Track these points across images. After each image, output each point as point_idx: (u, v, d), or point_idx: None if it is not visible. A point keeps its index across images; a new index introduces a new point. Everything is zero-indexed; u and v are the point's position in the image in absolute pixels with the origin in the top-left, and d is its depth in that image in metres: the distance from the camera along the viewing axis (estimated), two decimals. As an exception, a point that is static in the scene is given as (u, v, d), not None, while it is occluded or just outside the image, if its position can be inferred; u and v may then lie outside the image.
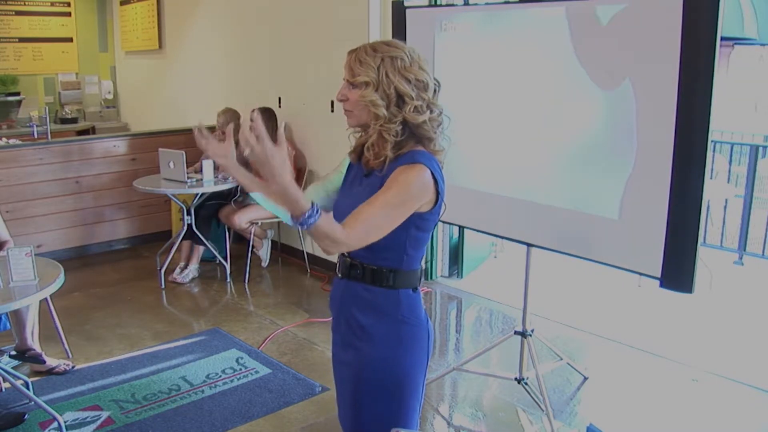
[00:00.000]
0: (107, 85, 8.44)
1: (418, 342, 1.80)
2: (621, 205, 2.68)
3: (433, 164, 1.67)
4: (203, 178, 4.82)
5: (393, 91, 1.64)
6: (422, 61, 1.69)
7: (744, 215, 5.38)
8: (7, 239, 3.60)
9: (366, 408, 1.84)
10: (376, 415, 1.83)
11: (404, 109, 1.65)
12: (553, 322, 4.10)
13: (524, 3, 3.05)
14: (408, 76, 1.65)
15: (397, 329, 1.77)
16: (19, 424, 3.01)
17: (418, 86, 1.66)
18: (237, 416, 3.11)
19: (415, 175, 1.62)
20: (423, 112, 1.66)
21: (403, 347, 1.79)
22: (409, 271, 1.75)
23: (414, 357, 1.80)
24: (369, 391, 1.81)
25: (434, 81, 1.71)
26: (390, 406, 1.83)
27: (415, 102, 1.65)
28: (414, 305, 1.78)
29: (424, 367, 1.84)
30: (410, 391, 1.82)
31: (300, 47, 5.09)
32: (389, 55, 1.65)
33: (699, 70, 2.34)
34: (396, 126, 1.65)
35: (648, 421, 3.09)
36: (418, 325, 1.79)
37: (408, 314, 1.77)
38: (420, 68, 1.67)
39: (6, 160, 5.07)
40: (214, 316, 4.35)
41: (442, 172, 1.71)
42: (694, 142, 2.39)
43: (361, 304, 1.77)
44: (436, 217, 1.73)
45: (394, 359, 1.79)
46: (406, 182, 1.62)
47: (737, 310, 4.39)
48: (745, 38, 8.62)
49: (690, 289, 2.53)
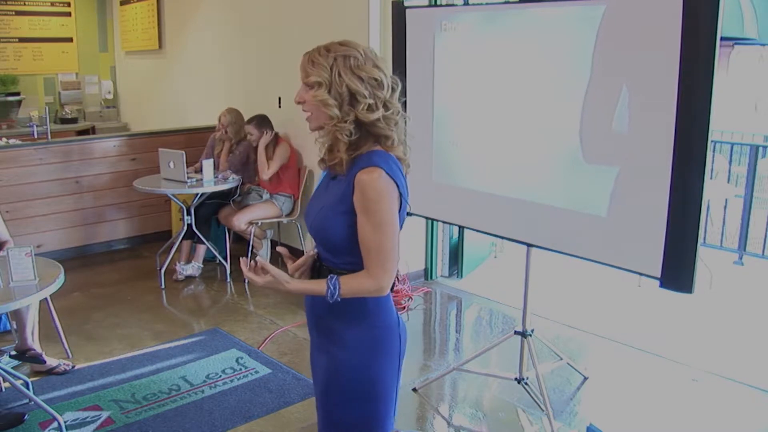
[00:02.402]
0: (107, 85, 8.44)
1: (388, 346, 1.77)
2: (621, 205, 2.68)
3: (390, 164, 1.65)
4: (203, 178, 4.82)
5: (345, 89, 1.62)
6: (377, 59, 1.67)
7: (744, 215, 5.38)
8: (7, 239, 3.60)
9: (335, 413, 1.83)
10: (345, 420, 1.82)
11: (357, 108, 1.63)
12: (553, 322, 4.11)
13: (524, 3, 3.05)
14: (360, 74, 1.62)
15: (365, 333, 1.76)
16: (19, 424, 3.01)
17: (371, 84, 1.63)
18: (237, 416, 3.11)
19: (378, 186, 1.61)
20: (376, 110, 1.64)
21: (371, 351, 1.76)
22: None
23: (384, 361, 1.77)
24: (338, 396, 1.80)
25: (391, 79, 1.69)
26: (361, 412, 1.80)
27: (367, 100, 1.63)
28: (382, 308, 1.76)
29: (395, 371, 1.81)
30: (381, 396, 1.79)
31: (300, 47, 5.03)
32: (342, 54, 1.63)
33: (699, 70, 2.34)
34: (348, 125, 1.64)
35: (648, 421, 3.09)
36: (387, 329, 1.77)
37: (375, 318, 1.75)
38: (374, 66, 1.65)
39: (6, 160, 5.07)
40: (214, 316, 4.35)
41: (401, 170, 1.70)
42: (694, 142, 2.39)
43: (329, 308, 1.74)
44: (403, 216, 1.71)
45: (362, 364, 1.77)
46: (377, 197, 1.61)
47: (737, 310, 4.39)
48: (745, 38, 8.62)
49: (690, 289, 2.53)
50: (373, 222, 1.62)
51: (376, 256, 1.63)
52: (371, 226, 1.62)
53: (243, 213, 4.93)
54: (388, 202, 1.62)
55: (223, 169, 5.06)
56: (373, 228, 1.62)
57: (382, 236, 1.62)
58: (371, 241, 1.63)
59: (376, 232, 1.62)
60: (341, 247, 1.69)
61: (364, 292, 1.67)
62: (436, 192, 3.43)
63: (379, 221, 1.62)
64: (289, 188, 5.05)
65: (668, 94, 2.43)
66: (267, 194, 5.05)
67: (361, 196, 1.62)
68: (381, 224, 1.62)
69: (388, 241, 1.63)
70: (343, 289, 1.65)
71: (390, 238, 1.63)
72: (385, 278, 1.64)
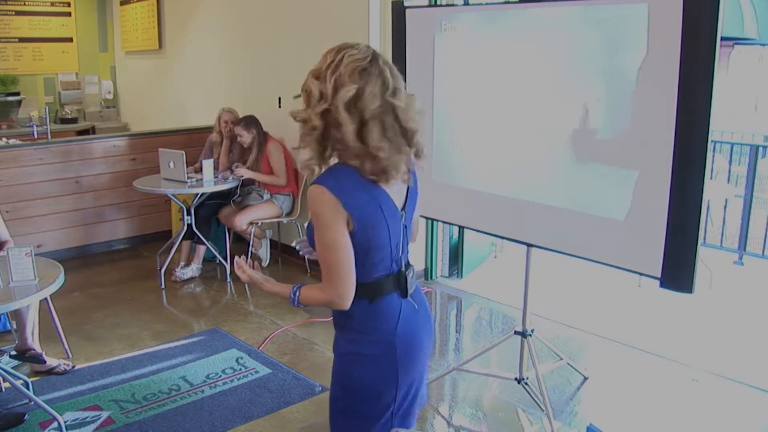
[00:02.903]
0: (107, 85, 8.44)
1: (377, 355, 1.75)
2: (621, 205, 2.68)
3: (339, 180, 1.61)
4: (203, 178, 4.83)
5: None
6: (334, 64, 1.64)
7: (744, 215, 5.38)
8: (7, 239, 3.60)
9: (330, 415, 1.87)
10: (333, 423, 1.86)
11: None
12: (553, 322, 4.11)
13: (524, 3, 3.05)
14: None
15: (352, 342, 1.78)
16: (19, 424, 3.01)
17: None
18: (237, 416, 3.11)
19: (315, 202, 1.61)
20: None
21: (358, 361, 1.77)
22: (360, 284, 1.69)
23: (371, 371, 1.76)
24: (331, 401, 1.85)
25: (328, 85, 1.63)
26: (344, 418, 1.83)
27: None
28: (370, 317, 1.74)
29: (387, 383, 1.77)
30: (368, 408, 1.78)
31: (300, 47, 5.09)
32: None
33: (699, 70, 2.34)
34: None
35: (648, 421, 3.09)
36: (376, 337, 1.75)
37: (361, 326, 1.75)
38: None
39: (6, 160, 5.07)
40: (214, 316, 4.35)
41: (357, 184, 1.62)
42: (694, 142, 2.39)
43: (335, 319, 1.83)
44: (367, 235, 1.66)
45: (348, 373, 1.79)
46: (315, 214, 1.62)
47: (737, 310, 4.39)
48: (745, 38, 8.63)
49: (690, 289, 2.53)
50: (317, 237, 1.64)
51: (324, 270, 1.65)
52: (317, 241, 1.64)
53: (244, 213, 4.93)
54: (328, 219, 1.60)
55: (223, 169, 5.06)
56: (318, 243, 1.64)
57: (325, 252, 1.63)
58: (318, 254, 1.66)
59: (320, 247, 1.64)
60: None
61: (320, 303, 1.70)
62: (436, 192, 3.43)
63: (321, 237, 1.63)
64: (288, 187, 5.05)
65: (668, 94, 2.43)
66: (267, 194, 5.05)
67: (311, 212, 1.65)
68: (322, 240, 1.63)
69: (329, 256, 1.63)
70: (302, 297, 1.72)
71: (331, 254, 1.62)
72: (332, 293, 1.65)
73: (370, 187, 1.65)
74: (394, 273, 1.76)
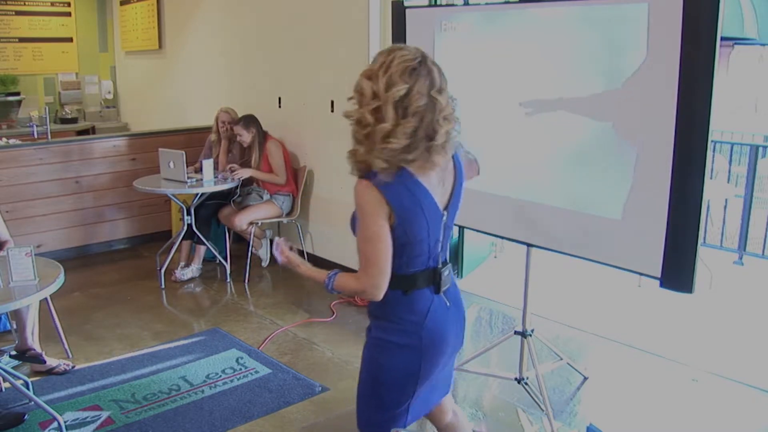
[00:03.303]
0: (107, 85, 8.45)
1: (403, 344, 1.85)
2: (621, 205, 2.68)
3: (379, 177, 1.70)
4: (203, 178, 4.83)
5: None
6: (380, 68, 1.74)
7: (744, 215, 5.38)
8: (7, 239, 3.60)
9: (357, 400, 1.98)
10: (359, 406, 1.98)
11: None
12: (553, 322, 4.10)
13: (524, 3, 3.05)
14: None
15: (383, 329, 1.89)
16: (19, 424, 3.01)
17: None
18: (237, 416, 3.11)
19: (358, 195, 1.74)
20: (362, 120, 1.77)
21: (386, 348, 1.88)
22: (397, 275, 1.80)
23: (396, 359, 1.86)
24: (359, 385, 1.97)
25: (379, 86, 1.74)
26: (366, 401, 1.95)
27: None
28: (402, 308, 1.84)
29: (410, 372, 1.86)
30: (388, 394, 1.89)
31: (300, 47, 5.09)
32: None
33: (699, 70, 2.34)
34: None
35: (648, 421, 3.09)
36: (405, 327, 1.85)
37: (393, 315, 1.85)
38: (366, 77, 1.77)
39: (6, 160, 5.07)
40: (214, 316, 4.35)
41: (406, 181, 1.72)
42: (694, 142, 2.39)
43: (369, 308, 1.94)
44: (402, 230, 1.74)
45: (375, 359, 1.91)
46: (359, 207, 1.74)
47: (737, 310, 4.39)
48: (745, 38, 8.62)
49: (690, 289, 2.53)
50: (360, 229, 1.74)
51: (361, 260, 1.75)
52: (358, 233, 1.75)
53: (244, 213, 4.93)
54: (369, 212, 1.71)
55: (222, 169, 5.06)
56: (358, 234, 1.75)
57: (365, 243, 1.74)
58: (358, 245, 1.76)
59: (360, 238, 1.75)
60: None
61: (352, 292, 1.83)
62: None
63: (362, 229, 1.73)
64: (287, 186, 5.05)
65: (668, 95, 2.43)
66: (267, 194, 5.05)
67: (355, 205, 1.75)
68: (364, 232, 1.73)
69: (368, 247, 1.73)
70: (337, 284, 1.83)
71: (369, 246, 1.73)
72: (367, 283, 1.75)
73: (414, 185, 1.74)
74: (430, 269, 1.87)
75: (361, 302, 4.40)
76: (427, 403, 2.03)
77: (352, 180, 1.81)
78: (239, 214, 4.92)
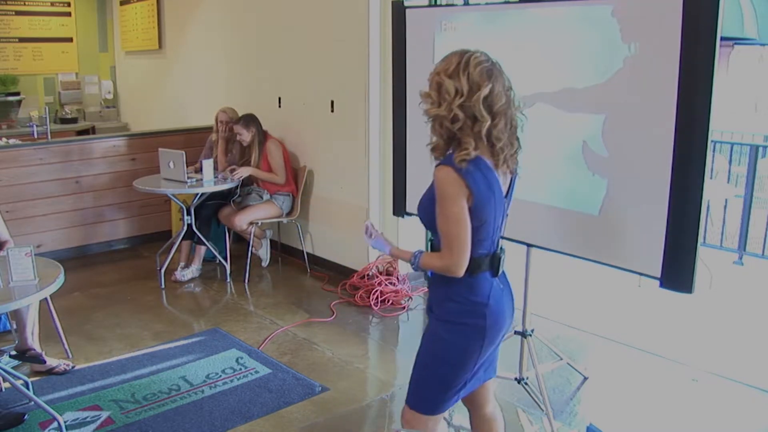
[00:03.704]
0: (107, 85, 8.45)
1: (469, 324, 1.98)
2: (621, 206, 2.68)
3: (458, 164, 1.85)
4: (203, 178, 4.83)
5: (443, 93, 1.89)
6: (468, 66, 1.89)
7: (744, 215, 5.38)
8: (7, 239, 3.60)
9: (414, 370, 2.11)
10: (415, 376, 2.10)
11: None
12: (553, 322, 4.11)
13: (524, 3, 3.05)
14: (451, 80, 1.88)
15: (448, 310, 2.02)
16: (19, 424, 3.01)
17: (451, 91, 1.88)
18: (237, 416, 3.11)
19: (443, 180, 1.87)
20: (458, 116, 1.87)
21: (448, 323, 2.01)
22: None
23: (461, 338, 1.99)
24: (418, 357, 2.09)
25: (468, 85, 1.88)
26: (427, 383, 2.07)
27: (449, 105, 1.88)
28: (468, 289, 1.98)
29: (472, 350, 1.99)
30: (450, 372, 2.02)
31: (300, 47, 5.09)
32: (446, 59, 1.92)
33: (699, 70, 2.34)
34: (438, 126, 1.91)
35: (648, 421, 3.09)
36: (470, 307, 1.98)
37: (459, 296, 1.98)
38: (455, 75, 1.89)
39: (6, 160, 5.07)
40: (214, 316, 4.35)
41: (482, 169, 1.88)
42: (694, 142, 2.39)
43: (433, 288, 2.12)
44: (479, 212, 1.90)
45: (440, 337, 2.02)
46: (439, 188, 1.87)
47: (737, 310, 4.39)
48: (745, 38, 8.62)
49: (690, 289, 2.53)
50: (441, 210, 1.88)
51: (445, 240, 1.89)
52: (440, 214, 1.89)
53: (244, 213, 4.93)
54: (452, 194, 1.85)
55: (222, 169, 5.06)
56: (440, 215, 1.89)
57: (448, 223, 1.88)
58: (440, 226, 1.90)
59: (442, 219, 1.88)
60: (433, 229, 1.96)
61: (436, 268, 1.96)
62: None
63: (444, 210, 1.87)
64: (287, 186, 5.05)
65: (668, 95, 2.43)
66: (267, 194, 5.05)
67: (435, 189, 1.89)
68: (446, 213, 1.87)
69: (452, 228, 1.87)
70: (422, 261, 2.00)
71: (453, 226, 1.87)
72: (450, 260, 1.89)
73: (487, 171, 1.90)
74: (491, 252, 2.01)
75: (360, 301, 4.41)
76: (478, 381, 2.15)
77: (351, 180, 1.83)
78: (239, 214, 4.92)
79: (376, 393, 3.39)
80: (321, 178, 5.11)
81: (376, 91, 4.48)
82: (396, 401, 3.28)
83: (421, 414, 2.09)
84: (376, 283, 4.46)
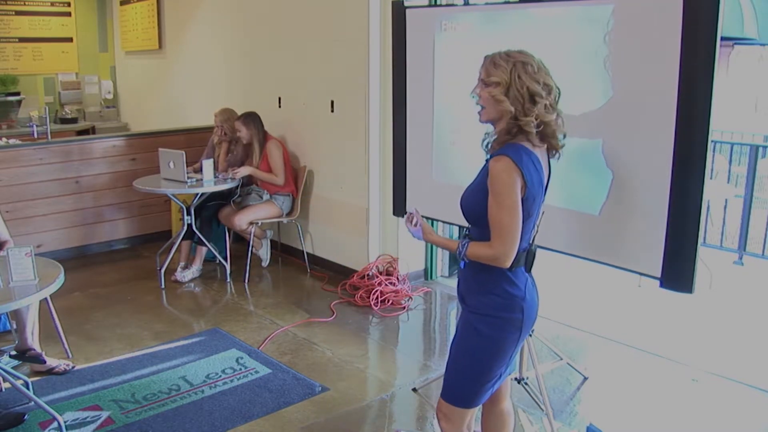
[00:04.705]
0: (107, 85, 8.45)
1: (508, 318, 2.02)
2: (621, 206, 2.68)
3: (519, 154, 1.92)
4: (203, 178, 4.82)
5: (525, 91, 1.92)
6: (547, 69, 1.98)
7: (744, 215, 5.38)
8: (7, 239, 3.60)
9: (450, 359, 2.17)
10: (451, 367, 2.15)
11: (537, 107, 1.92)
12: (553, 322, 4.10)
13: (524, 3, 3.05)
14: (538, 79, 1.93)
15: (486, 299, 2.05)
16: (19, 424, 3.01)
17: (545, 89, 1.94)
18: (237, 416, 3.11)
19: (500, 170, 1.91)
20: (552, 111, 1.96)
21: (486, 315, 2.04)
22: None
23: (500, 331, 2.03)
24: (454, 346, 2.14)
25: (556, 87, 1.99)
26: (464, 376, 2.11)
27: (544, 101, 1.93)
28: (507, 283, 2.02)
29: (509, 343, 2.04)
30: (487, 366, 2.05)
31: (300, 47, 5.09)
32: (521, 60, 1.94)
33: (699, 70, 2.34)
34: (531, 119, 1.92)
35: (648, 421, 3.09)
36: (509, 302, 2.02)
37: (498, 289, 2.02)
38: (546, 74, 1.97)
39: (6, 160, 5.07)
40: (214, 316, 4.35)
41: (534, 162, 1.95)
42: (694, 142, 2.40)
43: (467, 281, 2.13)
44: (530, 203, 1.95)
45: (479, 330, 2.05)
46: (497, 178, 1.91)
47: (737, 310, 4.39)
48: (745, 38, 8.63)
49: (690, 289, 2.53)
50: (495, 200, 1.92)
51: (497, 229, 1.93)
52: (494, 204, 1.92)
53: (244, 213, 4.93)
54: (508, 185, 1.90)
55: (223, 169, 5.06)
56: (495, 205, 1.92)
57: (501, 213, 1.91)
58: (493, 216, 1.93)
59: (496, 209, 1.92)
60: (479, 221, 2.00)
61: (483, 259, 1.98)
62: (436, 192, 3.42)
63: (500, 200, 1.91)
64: (287, 187, 5.05)
65: (668, 94, 2.43)
66: (267, 195, 5.05)
67: (490, 179, 1.93)
68: (500, 203, 1.91)
69: (505, 217, 1.91)
70: (469, 251, 2.01)
71: (507, 215, 1.91)
72: (501, 249, 1.93)
73: (538, 164, 1.97)
74: (528, 248, 2.07)
75: (360, 301, 4.41)
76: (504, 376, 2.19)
77: (351, 180, 1.83)
78: (239, 214, 4.92)
79: (376, 393, 3.39)
80: (321, 178, 5.11)
81: (376, 91, 4.48)
82: (396, 401, 3.28)
83: (458, 407, 2.15)
84: (376, 283, 4.47)
